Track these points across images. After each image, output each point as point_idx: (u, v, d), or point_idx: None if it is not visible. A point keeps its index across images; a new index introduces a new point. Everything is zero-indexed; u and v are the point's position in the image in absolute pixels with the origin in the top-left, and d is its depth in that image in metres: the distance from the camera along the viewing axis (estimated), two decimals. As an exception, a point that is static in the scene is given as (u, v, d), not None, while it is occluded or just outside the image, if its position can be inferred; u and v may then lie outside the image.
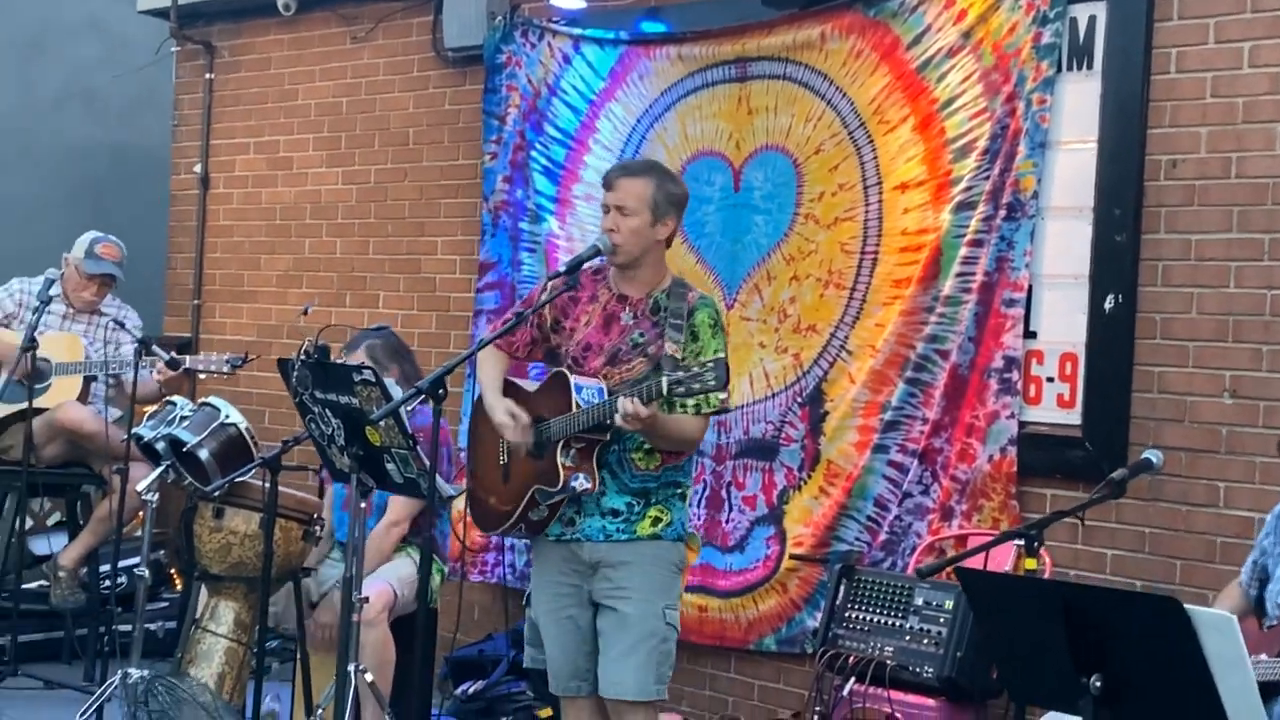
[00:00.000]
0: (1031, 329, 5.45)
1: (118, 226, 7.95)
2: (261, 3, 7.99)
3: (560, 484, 4.41)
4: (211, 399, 5.68)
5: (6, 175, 10.63)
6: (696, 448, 4.60)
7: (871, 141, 5.82)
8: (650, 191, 4.51)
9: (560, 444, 4.42)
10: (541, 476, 4.46)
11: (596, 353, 4.53)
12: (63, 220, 8.31)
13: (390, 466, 4.63)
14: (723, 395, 4.40)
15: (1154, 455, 4.28)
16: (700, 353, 4.42)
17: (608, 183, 4.57)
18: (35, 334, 6.32)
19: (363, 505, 4.81)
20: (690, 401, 4.40)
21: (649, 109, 6.47)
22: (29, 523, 7.27)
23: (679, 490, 4.58)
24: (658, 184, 4.54)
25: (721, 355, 4.37)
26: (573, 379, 4.45)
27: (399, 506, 5.55)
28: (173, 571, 7.62)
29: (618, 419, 4.24)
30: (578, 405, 4.39)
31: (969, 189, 5.51)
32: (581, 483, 4.42)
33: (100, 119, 11.00)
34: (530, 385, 4.67)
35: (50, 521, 7.81)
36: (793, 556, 5.88)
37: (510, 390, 4.62)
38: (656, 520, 4.52)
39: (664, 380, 4.15)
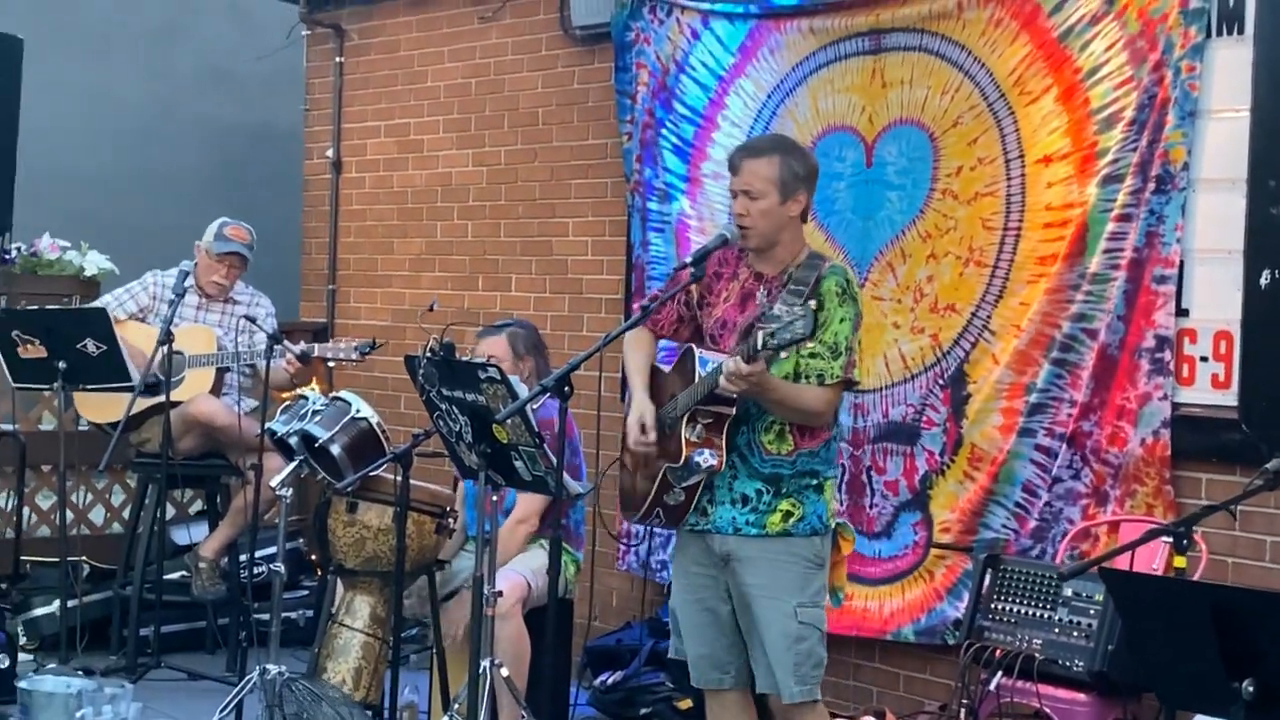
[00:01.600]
0: (1183, 306, 5.29)
1: (256, 207, 8.09)
2: (389, -16, 8.06)
3: (682, 460, 4.37)
4: (343, 393, 5.73)
5: (147, 155, 10.88)
6: (823, 421, 4.46)
7: (1012, 113, 5.68)
8: (776, 170, 4.45)
9: (685, 419, 4.38)
10: (669, 454, 4.44)
11: (731, 330, 4.51)
12: (202, 200, 8.46)
13: (518, 463, 4.63)
14: (838, 362, 4.35)
15: (1313, 443, 4.13)
16: (825, 322, 4.35)
17: (732, 166, 4.52)
18: (170, 327, 6.41)
19: (494, 499, 4.81)
20: (813, 369, 4.35)
21: (780, 84, 6.38)
22: (170, 512, 7.43)
23: (815, 482, 4.48)
24: (783, 161, 4.47)
25: (848, 322, 4.36)
26: (699, 352, 4.44)
27: (526, 503, 5.56)
28: (311, 558, 7.73)
29: (720, 380, 4.19)
30: (699, 378, 4.37)
31: (1116, 161, 5.35)
32: (706, 459, 4.37)
33: (237, 100, 11.20)
34: (666, 367, 4.67)
35: (192, 510, 7.95)
36: (937, 545, 5.79)
37: (651, 375, 4.63)
38: (788, 515, 4.45)
39: (759, 334, 4.08)
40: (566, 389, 4.33)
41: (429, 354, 4.77)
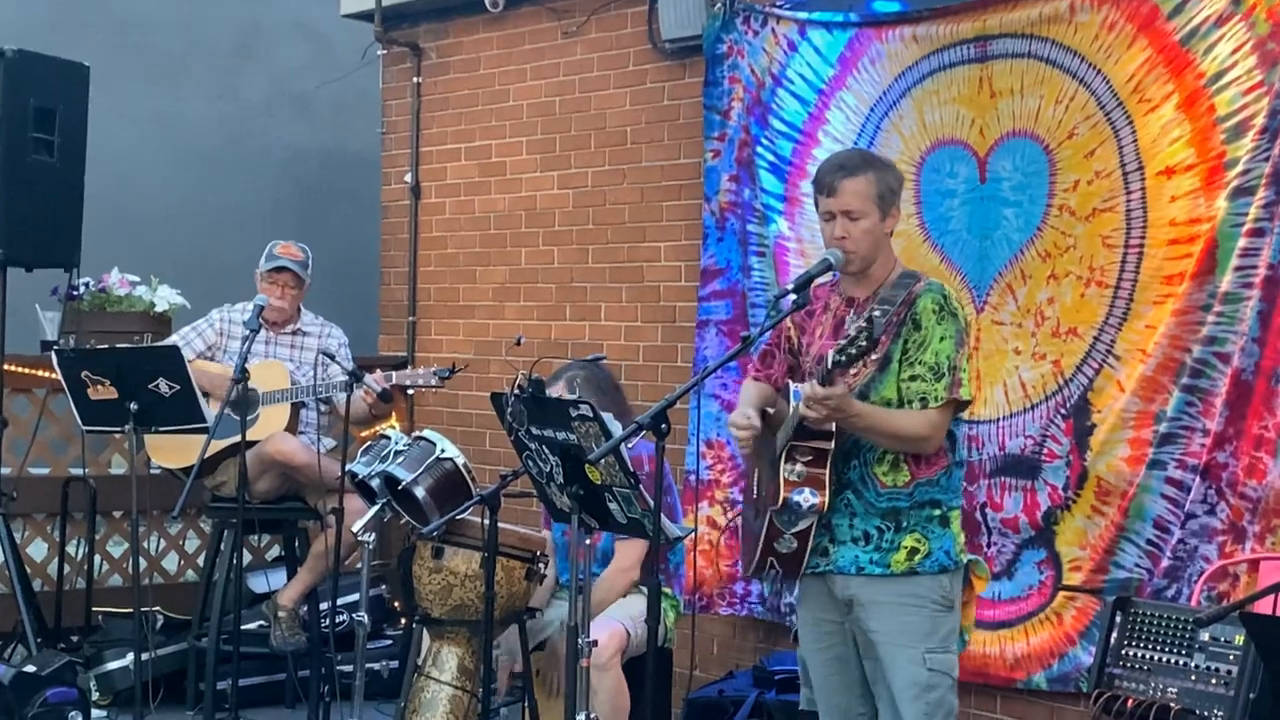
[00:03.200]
0: (1324, 326, 5.20)
1: (331, 235, 8.13)
2: (468, 0, 8.09)
3: (780, 500, 4.35)
4: (426, 432, 5.75)
5: (218, 183, 11.01)
6: (931, 446, 4.39)
7: (1131, 123, 5.63)
8: (874, 187, 4.46)
9: (784, 456, 4.37)
10: (773, 496, 4.42)
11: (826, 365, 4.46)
12: (275, 229, 8.51)
13: (613, 506, 4.62)
14: (941, 383, 4.30)
15: None
16: (924, 342, 4.34)
17: (827, 187, 4.49)
18: (244, 363, 6.44)
19: (587, 542, 4.80)
20: (914, 393, 4.33)
21: (883, 96, 6.36)
22: (246, 559, 7.47)
23: (938, 513, 4.44)
24: (879, 177, 4.50)
25: (949, 340, 4.32)
26: (793, 386, 4.44)
27: (627, 551, 5.55)
28: (395, 605, 7.76)
29: (801, 408, 4.18)
30: (792, 410, 4.36)
31: (1246, 172, 5.28)
32: (806, 498, 4.34)
33: (311, 124, 11.32)
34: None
35: (269, 556, 8.00)
36: (1064, 588, 5.72)
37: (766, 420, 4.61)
38: (913, 552, 4.41)
39: (829, 354, 4.08)
40: (663, 426, 4.30)
41: (517, 391, 4.76)
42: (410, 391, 6.87)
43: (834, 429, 4.33)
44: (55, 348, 6.93)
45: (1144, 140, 5.58)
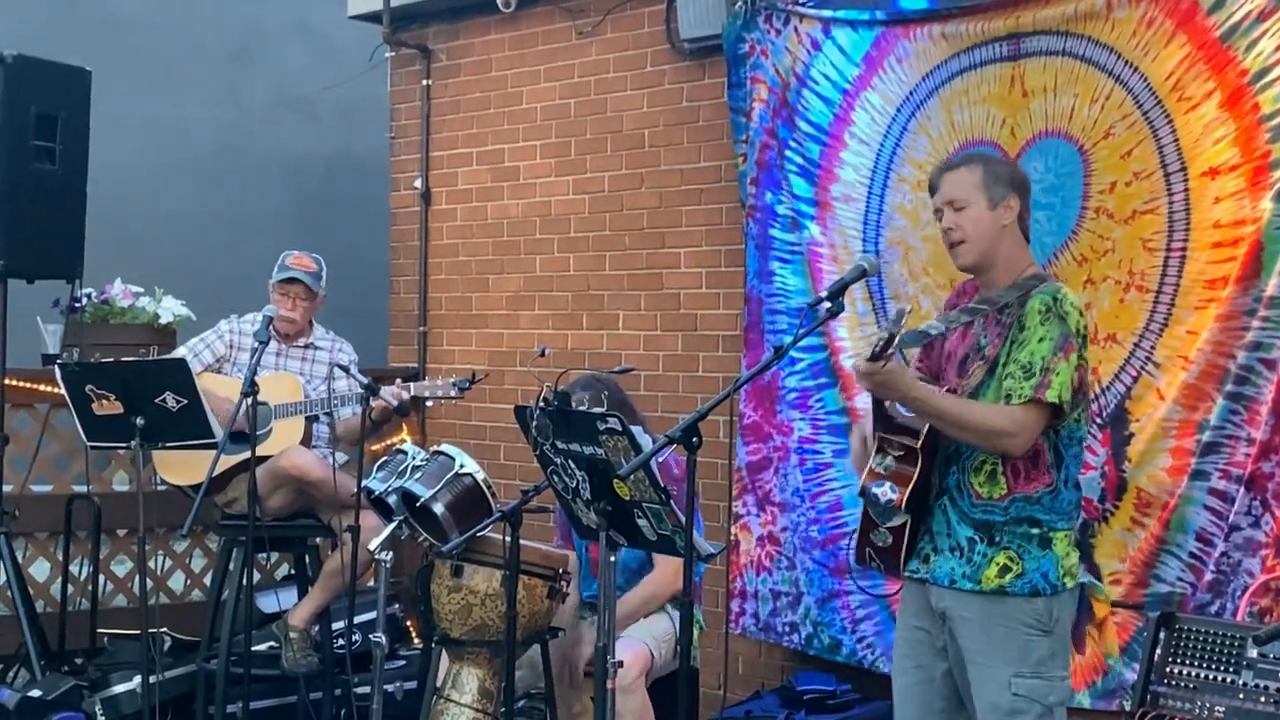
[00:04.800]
0: (1374, 332, 5.18)
1: (338, 243, 8.06)
2: (479, 0, 8.07)
3: (860, 487, 4.39)
4: (445, 447, 5.73)
5: (221, 190, 11.00)
6: (1014, 445, 4.25)
7: (1170, 122, 5.60)
8: (978, 176, 4.46)
9: (876, 449, 4.39)
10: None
11: (952, 363, 4.51)
12: (280, 237, 8.52)
13: (642, 522, 4.60)
14: (1029, 382, 4.23)
15: None
16: (1023, 342, 4.30)
17: (931, 186, 4.55)
18: (254, 376, 6.40)
19: (611, 560, 4.78)
20: (1004, 390, 4.29)
21: (909, 96, 6.34)
22: (255, 577, 7.44)
23: (1037, 532, 4.33)
24: (985, 168, 4.50)
25: (1047, 342, 4.26)
26: None
27: (661, 583, 5.53)
28: (409, 625, 7.73)
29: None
30: None
31: (1292, 173, 5.26)
32: (886, 492, 4.35)
33: (315, 129, 11.30)
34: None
35: (278, 575, 7.97)
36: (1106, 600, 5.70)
37: None
38: (1005, 569, 4.33)
39: (883, 334, 4.10)
40: (695, 439, 4.28)
41: (542, 404, 4.74)
42: (429, 404, 6.83)
43: (924, 427, 4.30)
44: (59, 361, 6.90)
45: (1185, 140, 5.56)
